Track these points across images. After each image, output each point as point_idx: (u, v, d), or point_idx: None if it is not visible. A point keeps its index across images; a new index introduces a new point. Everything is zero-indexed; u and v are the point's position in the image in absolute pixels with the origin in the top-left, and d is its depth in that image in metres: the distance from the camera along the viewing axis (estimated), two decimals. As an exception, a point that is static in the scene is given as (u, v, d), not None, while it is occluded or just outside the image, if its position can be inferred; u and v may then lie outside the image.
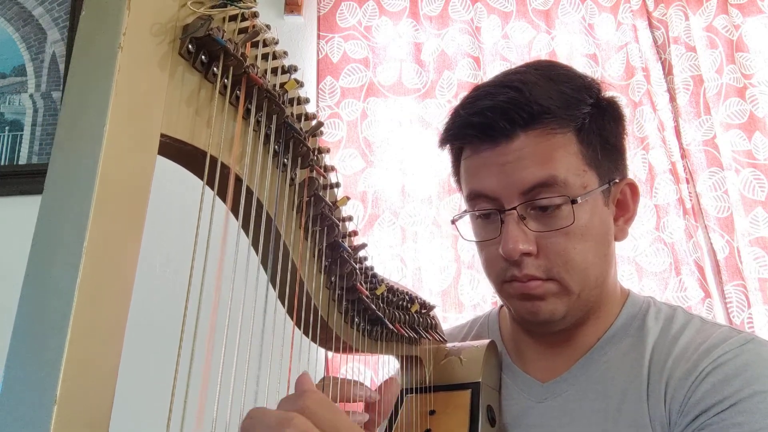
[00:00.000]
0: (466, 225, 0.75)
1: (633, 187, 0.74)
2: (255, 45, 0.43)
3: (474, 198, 0.70)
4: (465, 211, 0.74)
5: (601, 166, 0.69)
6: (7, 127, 1.83)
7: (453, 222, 0.77)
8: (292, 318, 0.53)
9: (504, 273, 0.69)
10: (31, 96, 1.85)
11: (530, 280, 0.68)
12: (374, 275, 0.65)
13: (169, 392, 0.33)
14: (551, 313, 0.69)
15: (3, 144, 1.82)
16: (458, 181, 0.76)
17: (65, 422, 0.28)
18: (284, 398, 0.43)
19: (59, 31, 1.88)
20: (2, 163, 1.80)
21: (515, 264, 0.67)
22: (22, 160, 1.80)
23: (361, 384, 0.62)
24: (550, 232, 0.66)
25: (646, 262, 1.58)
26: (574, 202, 0.65)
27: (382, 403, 0.64)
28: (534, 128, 0.66)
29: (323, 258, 0.56)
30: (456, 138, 0.72)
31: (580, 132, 0.68)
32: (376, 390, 0.64)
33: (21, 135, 1.82)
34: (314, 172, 0.53)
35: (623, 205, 0.74)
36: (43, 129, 1.82)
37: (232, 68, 0.40)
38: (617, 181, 0.72)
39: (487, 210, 0.69)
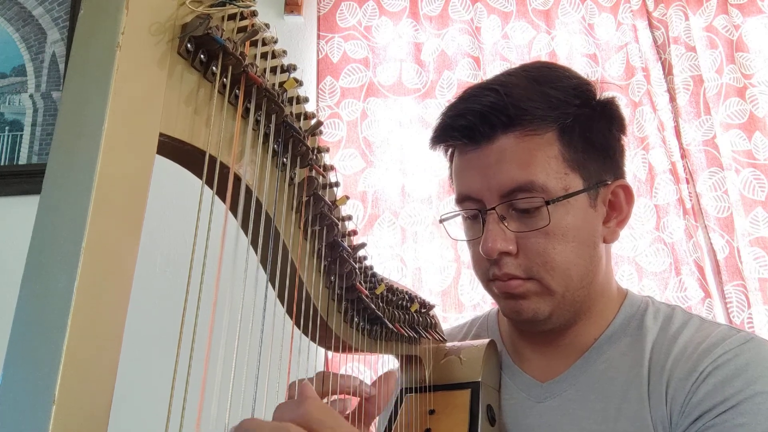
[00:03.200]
0: (458, 225, 0.77)
1: (627, 190, 0.74)
2: (254, 44, 0.43)
3: (462, 200, 0.72)
4: (452, 212, 0.76)
5: (586, 168, 0.69)
6: (7, 127, 1.83)
7: (441, 221, 0.78)
8: (291, 317, 0.53)
9: (488, 272, 0.70)
10: (31, 96, 1.85)
11: (510, 279, 0.68)
12: (374, 274, 0.65)
13: (168, 392, 0.33)
14: (534, 312, 0.70)
15: (3, 144, 1.81)
16: (452, 183, 0.77)
17: (64, 422, 0.28)
18: (282, 404, 0.43)
19: (59, 31, 1.88)
20: (2, 163, 1.80)
21: (495, 263, 0.68)
22: (22, 160, 1.80)
23: (357, 378, 0.62)
24: (531, 233, 0.67)
25: (646, 262, 1.58)
26: (548, 203, 0.66)
27: (379, 396, 0.64)
28: (513, 130, 0.67)
29: (323, 257, 0.56)
30: (442, 140, 0.74)
31: (562, 134, 0.68)
32: (372, 384, 0.64)
33: (21, 135, 1.82)
34: (313, 171, 0.53)
35: (616, 207, 0.73)
36: (43, 129, 1.82)
37: (231, 67, 0.40)
38: (608, 183, 0.71)
39: (472, 210, 0.71)
